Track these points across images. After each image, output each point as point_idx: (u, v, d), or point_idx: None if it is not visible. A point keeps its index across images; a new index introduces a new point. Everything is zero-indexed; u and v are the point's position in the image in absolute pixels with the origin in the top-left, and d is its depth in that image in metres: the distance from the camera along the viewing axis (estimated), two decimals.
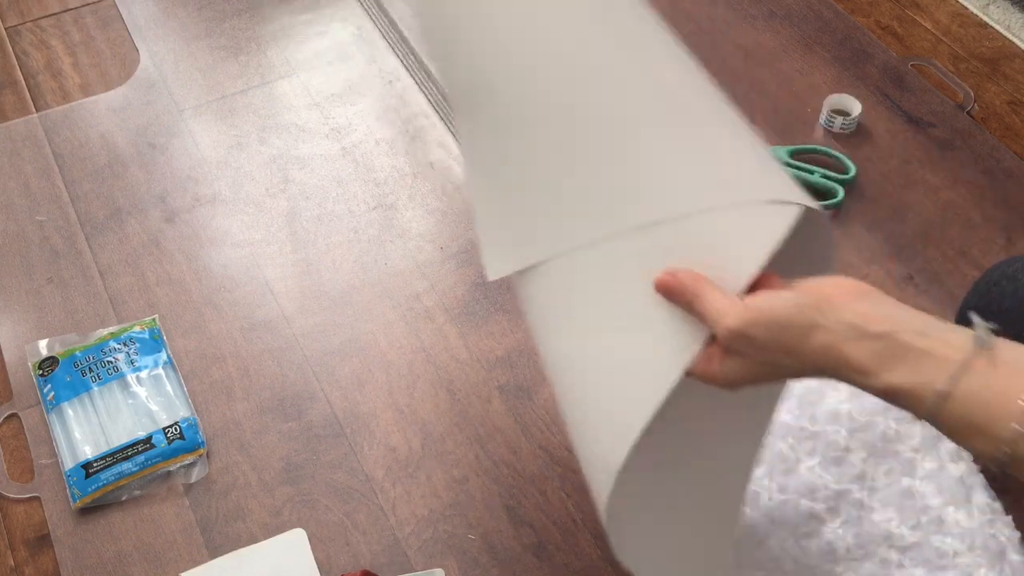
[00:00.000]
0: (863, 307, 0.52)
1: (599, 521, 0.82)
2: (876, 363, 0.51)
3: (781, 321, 0.53)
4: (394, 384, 0.91)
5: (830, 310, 0.52)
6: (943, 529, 0.75)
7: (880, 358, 0.51)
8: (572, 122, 0.61)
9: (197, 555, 0.81)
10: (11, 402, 0.90)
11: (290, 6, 1.28)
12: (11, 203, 1.06)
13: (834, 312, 0.52)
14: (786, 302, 0.53)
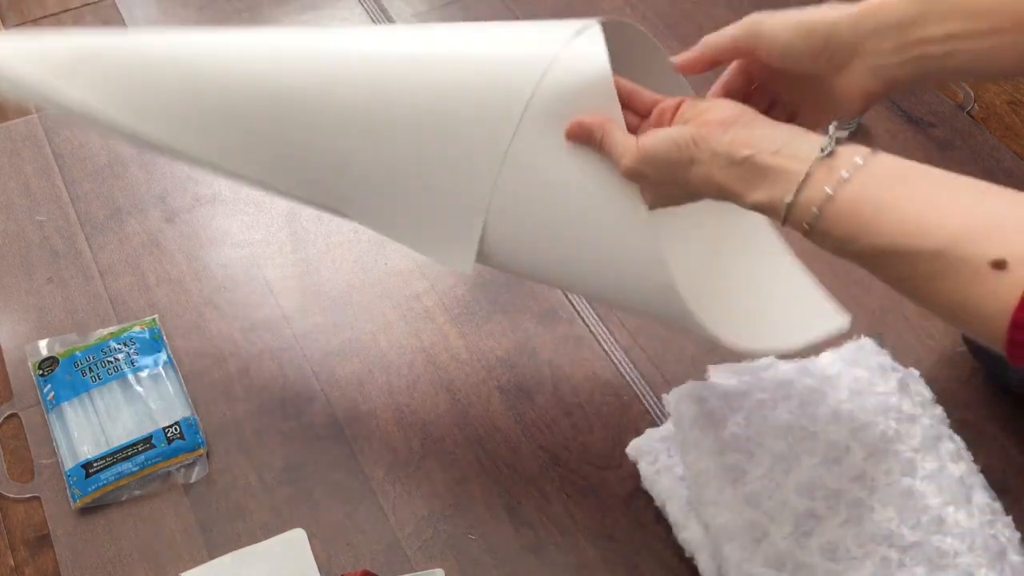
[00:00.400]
0: (732, 135, 0.59)
1: (599, 521, 0.82)
2: (742, 185, 0.58)
3: (663, 158, 0.60)
4: (394, 384, 0.91)
5: (703, 142, 0.59)
6: (943, 529, 0.75)
7: (744, 180, 0.58)
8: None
9: (197, 555, 0.81)
10: (11, 402, 0.90)
11: (290, 6, 1.28)
12: (11, 203, 1.06)
13: (707, 144, 0.59)
14: (666, 141, 0.60)
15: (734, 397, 0.82)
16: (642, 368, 0.92)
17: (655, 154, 0.61)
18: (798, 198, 0.56)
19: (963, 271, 0.51)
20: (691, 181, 0.60)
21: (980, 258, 0.50)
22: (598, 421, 0.89)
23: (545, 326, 0.95)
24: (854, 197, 0.55)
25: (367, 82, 0.70)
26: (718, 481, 0.77)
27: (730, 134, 0.59)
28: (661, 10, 1.26)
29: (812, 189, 0.56)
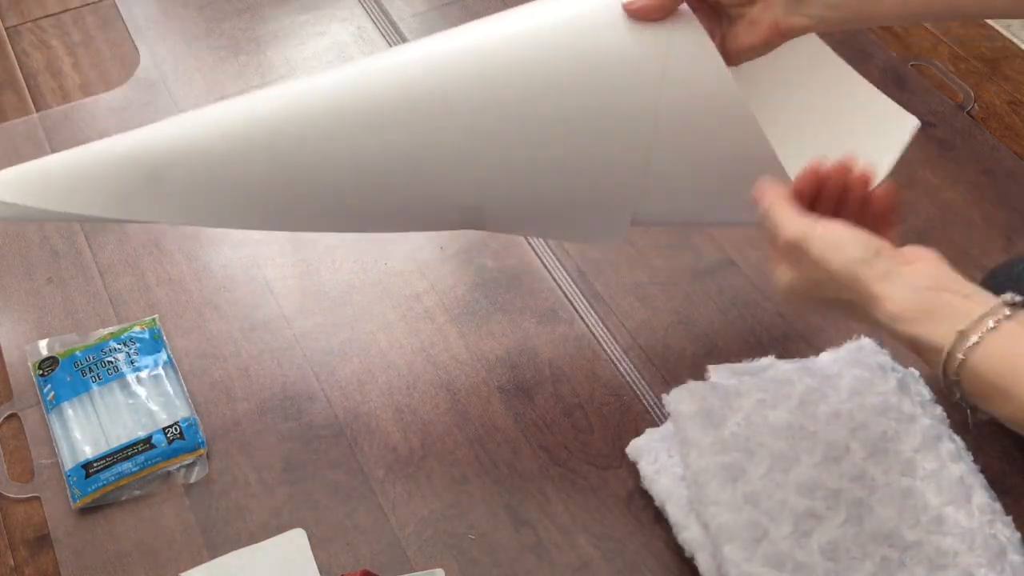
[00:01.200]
0: (916, 265, 0.56)
1: (599, 521, 0.82)
2: (910, 311, 0.54)
3: (835, 242, 0.57)
4: (394, 384, 0.91)
5: (887, 254, 0.56)
6: (943, 529, 0.75)
7: (914, 307, 0.54)
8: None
9: (197, 555, 0.81)
10: (11, 402, 0.90)
11: (290, 6, 1.28)
12: None
13: (887, 258, 0.56)
14: (852, 231, 0.58)
15: (734, 397, 0.82)
16: (642, 368, 0.92)
17: (832, 235, 0.58)
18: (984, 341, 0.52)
19: None
20: (844, 280, 0.57)
21: None
22: (598, 421, 0.89)
23: (545, 326, 0.95)
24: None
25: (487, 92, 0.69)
26: (718, 481, 0.77)
27: (920, 264, 0.57)
28: None
29: (1002, 337, 0.52)
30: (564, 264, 1.00)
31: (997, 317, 0.52)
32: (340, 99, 0.72)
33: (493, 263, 1.00)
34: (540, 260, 1.01)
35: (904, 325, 0.54)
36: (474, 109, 0.69)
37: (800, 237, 0.58)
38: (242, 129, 0.72)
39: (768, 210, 0.62)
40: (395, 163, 0.70)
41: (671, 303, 0.97)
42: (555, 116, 0.68)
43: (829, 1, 0.64)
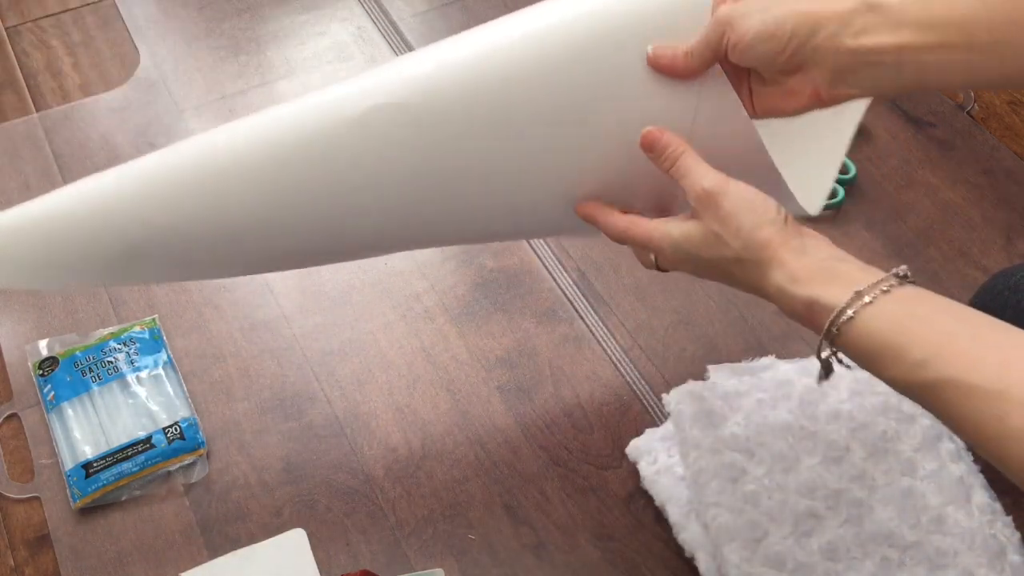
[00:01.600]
0: (818, 240, 0.58)
1: (599, 521, 0.82)
2: (806, 274, 0.56)
3: (750, 201, 0.59)
4: (394, 384, 0.91)
5: (792, 224, 0.58)
6: (943, 529, 0.75)
7: (811, 272, 0.56)
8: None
9: (197, 555, 0.81)
10: (11, 402, 0.90)
11: (290, 6, 1.28)
12: (11, 203, 1.05)
13: (793, 227, 0.58)
14: (764, 196, 0.59)
15: (734, 397, 0.82)
16: (642, 368, 0.92)
17: (744, 192, 0.59)
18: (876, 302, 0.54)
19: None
20: (755, 238, 0.58)
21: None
22: (598, 421, 0.89)
23: (545, 326, 0.95)
24: (934, 316, 0.53)
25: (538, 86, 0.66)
26: (718, 481, 0.77)
27: (821, 241, 0.59)
28: None
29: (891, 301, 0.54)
30: (564, 264, 1.00)
31: (890, 283, 0.55)
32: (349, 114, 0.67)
33: (493, 263, 1.00)
34: (540, 260, 1.01)
35: (802, 286, 0.56)
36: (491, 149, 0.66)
37: (716, 189, 0.59)
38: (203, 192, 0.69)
39: (680, 158, 0.61)
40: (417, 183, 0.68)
41: (671, 303, 0.97)
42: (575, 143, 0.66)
43: (885, 72, 0.58)
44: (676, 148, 0.61)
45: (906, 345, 0.52)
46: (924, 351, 0.51)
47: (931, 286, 0.96)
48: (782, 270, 0.57)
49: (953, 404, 0.50)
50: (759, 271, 0.58)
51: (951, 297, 0.93)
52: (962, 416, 0.50)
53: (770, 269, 0.57)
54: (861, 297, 0.54)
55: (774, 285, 0.57)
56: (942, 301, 0.54)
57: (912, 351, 0.51)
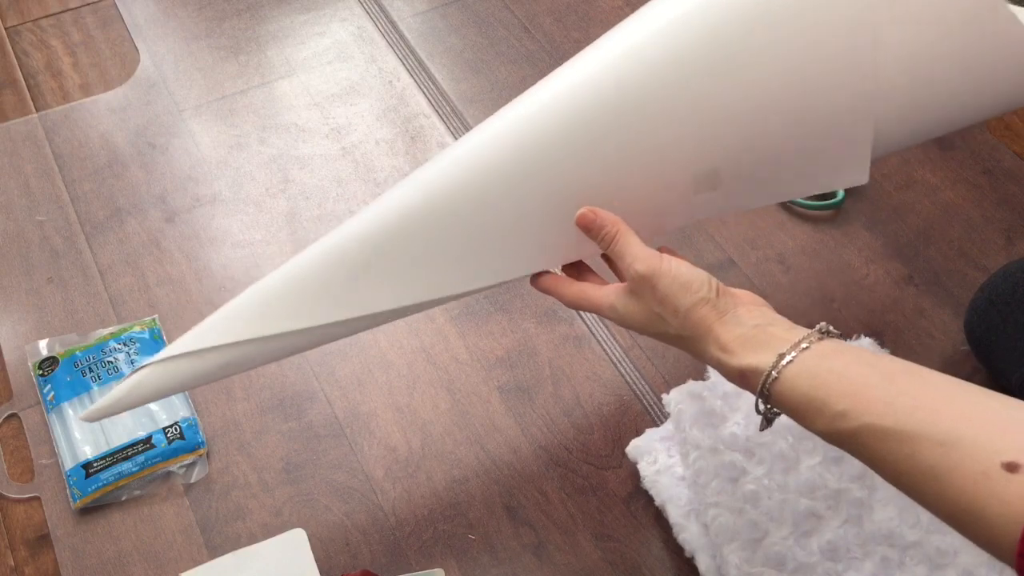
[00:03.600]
0: (748, 306, 0.62)
1: (599, 521, 0.82)
2: (738, 345, 0.60)
3: (683, 282, 0.62)
4: (394, 384, 0.91)
5: (724, 295, 0.62)
6: (943, 528, 0.75)
7: (742, 342, 0.60)
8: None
9: (197, 555, 0.81)
10: (11, 402, 0.90)
11: (290, 6, 1.28)
12: (11, 203, 1.06)
13: (725, 299, 0.62)
14: (696, 272, 0.63)
15: (734, 397, 0.82)
16: (642, 368, 0.92)
17: (679, 274, 0.62)
18: (796, 360, 0.58)
19: (971, 468, 0.48)
20: (691, 316, 0.62)
21: (991, 457, 0.47)
22: (598, 421, 0.89)
23: (545, 326, 0.95)
24: (849, 367, 0.56)
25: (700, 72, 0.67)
26: (718, 481, 0.77)
27: (752, 308, 0.62)
28: None
29: (811, 357, 0.57)
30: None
31: (811, 340, 0.58)
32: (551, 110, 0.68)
33: None
34: None
35: (735, 357, 0.60)
36: (694, 72, 0.66)
37: (650, 272, 0.63)
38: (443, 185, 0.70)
39: (615, 239, 0.65)
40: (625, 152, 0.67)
41: None
42: (772, 53, 0.65)
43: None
44: (611, 228, 0.65)
45: (825, 398, 0.55)
46: (843, 403, 0.54)
47: (931, 286, 0.97)
48: (717, 344, 0.61)
49: (872, 448, 0.53)
50: (699, 346, 0.62)
51: (952, 296, 0.94)
52: (882, 459, 0.52)
53: (707, 344, 0.61)
54: (783, 358, 0.57)
55: (712, 357, 0.61)
56: (857, 352, 0.57)
57: (832, 403, 0.54)
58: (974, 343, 0.87)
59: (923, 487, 0.50)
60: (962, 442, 0.49)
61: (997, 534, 0.47)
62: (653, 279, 0.62)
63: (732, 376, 0.61)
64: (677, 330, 0.63)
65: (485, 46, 1.22)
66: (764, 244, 1.01)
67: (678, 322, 0.62)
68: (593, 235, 0.66)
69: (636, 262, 0.63)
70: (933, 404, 0.51)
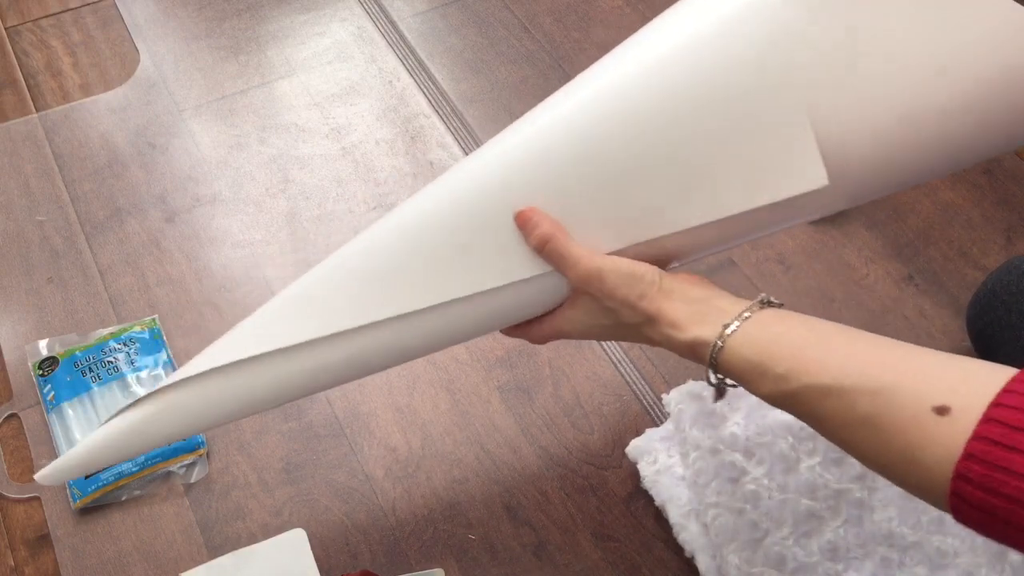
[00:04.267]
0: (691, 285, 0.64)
1: (599, 521, 0.82)
2: (685, 319, 0.62)
3: (628, 272, 0.64)
4: (394, 384, 0.91)
5: (668, 278, 0.64)
6: (943, 529, 0.75)
7: (688, 316, 0.62)
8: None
9: (197, 555, 0.81)
10: (11, 402, 0.90)
11: (290, 6, 1.28)
12: (11, 203, 1.06)
13: (669, 281, 0.64)
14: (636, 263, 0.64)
15: (734, 397, 0.82)
16: (642, 368, 0.92)
17: (625, 267, 0.64)
18: (741, 328, 0.60)
19: (903, 414, 0.50)
20: (642, 304, 0.63)
21: (922, 401, 0.49)
22: (598, 421, 0.89)
23: None
24: (788, 333, 0.58)
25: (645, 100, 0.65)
26: (718, 481, 0.77)
27: (692, 284, 0.64)
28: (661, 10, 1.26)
29: (754, 325, 0.60)
30: None
31: (752, 310, 0.60)
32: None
33: None
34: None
35: (683, 332, 0.62)
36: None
37: (595, 268, 0.64)
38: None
39: (551, 240, 0.64)
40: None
41: None
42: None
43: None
44: (547, 228, 0.64)
45: (768, 363, 0.57)
46: (784, 365, 0.56)
47: (931, 286, 0.97)
48: (667, 322, 0.63)
49: (813, 406, 0.55)
50: (650, 329, 0.64)
51: (952, 296, 0.94)
52: (822, 416, 0.54)
53: (658, 325, 0.63)
54: (727, 328, 0.60)
55: (663, 335, 0.63)
56: (797, 317, 0.60)
57: (774, 366, 0.57)
58: (975, 337, 0.87)
59: (860, 438, 0.52)
60: (894, 390, 0.51)
61: (931, 476, 0.48)
62: (600, 273, 0.64)
63: (683, 350, 0.62)
64: (629, 319, 0.64)
65: (485, 46, 1.22)
66: (764, 244, 1.01)
67: (628, 312, 0.64)
68: (527, 233, 0.65)
69: (580, 261, 0.64)
70: (866, 358, 0.54)
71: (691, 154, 0.64)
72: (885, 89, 0.62)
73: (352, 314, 0.69)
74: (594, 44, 1.20)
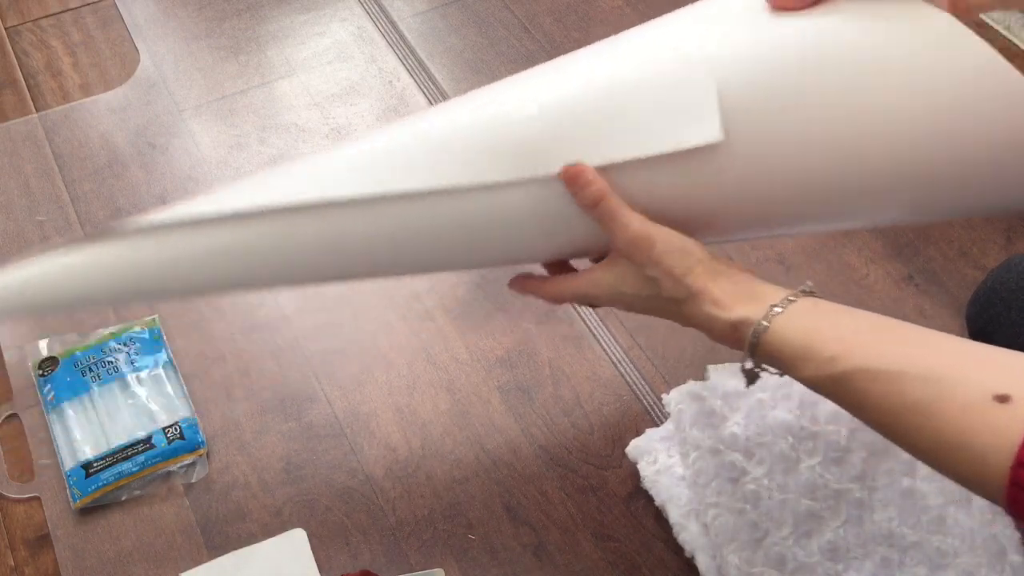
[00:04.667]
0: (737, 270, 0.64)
1: (599, 521, 0.82)
2: (730, 300, 0.61)
3: (679, 246, 0.63)
4: (394, 384, 0.91)
5: (715, 259, 0.64)
6: (943, 529, 0.75)
7: (733, 297, 0.61)
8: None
9: (197, 555, 0.81)
10: (11, 402, 0.90)
11: (290, 6, 1.28)
12: (11, 203, 1.06)
13: (715, 262, 0.63)
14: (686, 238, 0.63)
15: (734, 397, 0.82)
16: (642, 368, 0.92)
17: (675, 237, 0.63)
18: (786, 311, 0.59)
19: (958, 401, 0.49)
20: (687, 278, 0.62)
21: (981, 389, 0.48)
22: (598, 421, 0.89)
23: (545, 326, 0.95)
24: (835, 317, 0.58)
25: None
26: (718, 481, 0.77)
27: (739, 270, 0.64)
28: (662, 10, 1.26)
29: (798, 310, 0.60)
30: None
31: (797, 295, 0.60)
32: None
33: None
34: None
35: (727, 311, 0.61)
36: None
37: (647, 234, 0.63)
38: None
39: (606, 198, 0.63)
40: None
41: None
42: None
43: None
44: (600, 185, 0.63)
45: (816, 345, 0.57)
46: (832, 348, 0.56)
47: (931, 286, 0.97)
48: (710, 300, 0.62)
49: (861, 391, 0.54)
50: (691, 306, 0.63)
51: (952, 296, 0.94)
52: (868, 401, 0.54)
53: (700, 303, 0.62)
54: (773, 308, 0.59)
55: (704, 314, 0.62)
56: (842, 306, 0.60)
57: (822, 349, 0.56)
58: (974, 334, 0.87)
59: (908, 423, 0.51)
60: (951, 378, 0.50)
61: (986, 465, 0.47)
62: (651, 239, 0.62)
63: (724, 330, 0.62)
64: (670, 292, 0.63)
65: (485, 46, 1.22)
66: (764, 244, 1.01)
67: (672, 284, 0.63)
68: (578, 189, 0.63)
69: (633, 222, 0.63)
70: (921, 347, 0.53)
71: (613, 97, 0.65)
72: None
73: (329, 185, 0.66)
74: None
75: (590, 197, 0.63)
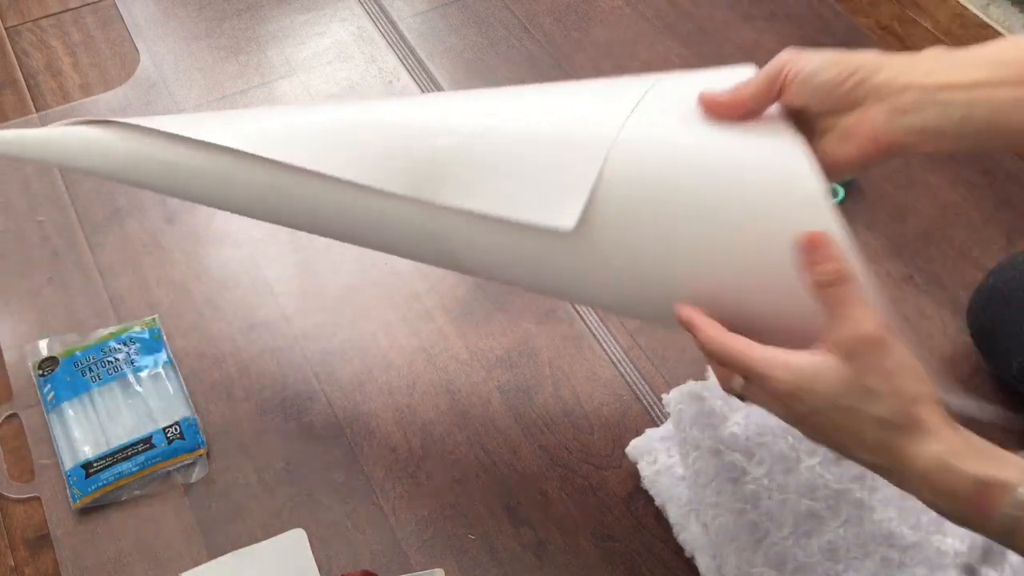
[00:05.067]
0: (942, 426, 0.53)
1: (599, 521, 0.82)
2: (970, 452, 0.51)
3: (914, 367, 0.53)
4: (394, 384, 0.91)
5: (940, 399, 0.53)
6: (943, 529, 0.75)
7: (974, 450, 0.51)
8: None
9: (197, 555, 0.81)
10: (11, 402, 0.90)
11: (290, 6, 1.28)
12: (11, 203, 1.06)
13: (941, 402, 0.53)
14: (920, 364, 0.54)
15: (734, 397, 0.81)
16: (642, 368, 0.92)
17: (905, 353, 0.53)
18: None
19: None
20: (912, 409, 0.52)
21: None
22: (598, 421, 0.89)
23: (545, 326, 0.95)
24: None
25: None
26: (718, 481, 0.77)
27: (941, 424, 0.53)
28: (661, 10, 1.26)
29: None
30: None
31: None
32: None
33: None
34: None
35: (969, 463, 0.51)
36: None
37: (882, 341, 0.53)
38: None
39: (848, 288, 0.54)
40: None
41: None
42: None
43: (953, 112, 0.53)
44: (841, 267, 0.54)
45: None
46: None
47: (931, 286, 0.97)
48: (943, 442, 0.52)
49: None
50: (907, 439, 0.52)
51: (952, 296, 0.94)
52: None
53: (928, 441, 0.52)
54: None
55: (932, 456, 0.52)
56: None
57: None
58: (975, 331, 0.87)
59: None
60: None
61: None
62: (886, 348, 0.52)
63: (962, 486, 0.51)
64: (885, 413, 0.52)
65: (485, 46, 1.22)
66: None
67: (892, 405, 0.52)
68: (813, 259, 0.54)
69: (868, 319, 0.52)
70: None
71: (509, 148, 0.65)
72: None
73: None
74: (594, 44, 1.20)
75: (827, 274, 0.54)
